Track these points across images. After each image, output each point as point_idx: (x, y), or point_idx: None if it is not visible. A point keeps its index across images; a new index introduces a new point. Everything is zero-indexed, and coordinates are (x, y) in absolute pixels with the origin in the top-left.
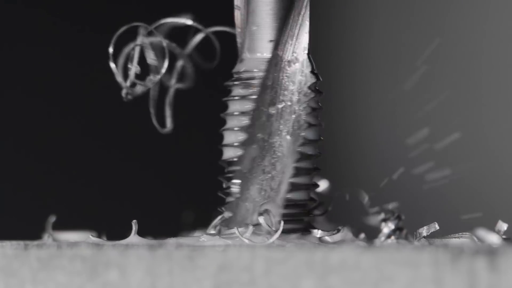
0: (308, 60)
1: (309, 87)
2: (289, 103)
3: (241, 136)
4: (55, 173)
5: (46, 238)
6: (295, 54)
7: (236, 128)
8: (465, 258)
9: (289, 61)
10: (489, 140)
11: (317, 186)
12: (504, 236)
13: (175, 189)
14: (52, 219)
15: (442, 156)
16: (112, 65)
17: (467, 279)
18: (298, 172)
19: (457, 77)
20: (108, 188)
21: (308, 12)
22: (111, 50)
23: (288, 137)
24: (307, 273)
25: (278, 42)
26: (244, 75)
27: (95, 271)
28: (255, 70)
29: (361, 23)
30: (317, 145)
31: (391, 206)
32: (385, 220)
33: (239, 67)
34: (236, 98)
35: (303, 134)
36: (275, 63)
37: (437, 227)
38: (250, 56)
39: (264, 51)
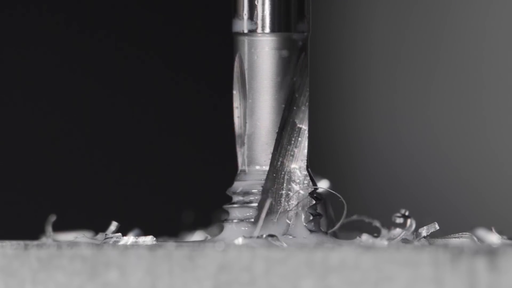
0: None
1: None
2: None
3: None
4: (55, 173)
5: (46, 238)
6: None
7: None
8: (465, 258)
9: (288, 172)
10: (489, 140)
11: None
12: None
13: (175, 189)
14: (52, 219)
15: (442, 156)
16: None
17: (467, 279)
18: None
19: (457, 77)
20: (108, 188)
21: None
22: None
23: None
24: (307, 273)
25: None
26: (245, 189)
27: (95, 271)
28: (253, 184)
29: (361, 23)
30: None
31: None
32: (397, 223)
33: (239, 185)
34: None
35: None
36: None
37: (437, 227)
38: (249, 169)
39: (264, 163)
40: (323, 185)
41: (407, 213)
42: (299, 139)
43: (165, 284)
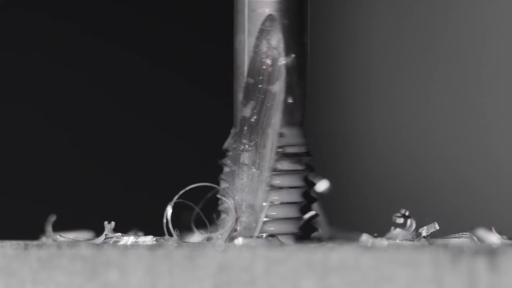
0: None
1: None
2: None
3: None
4: (55, 173)
5: (46, 238)
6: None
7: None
8: (465, 258)
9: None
10: (489, 140)
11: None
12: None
13: (175, 188)
14: (52, 219)
15: (442, 156)
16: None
17: (467, 279)
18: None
19: (457, 77)
20: (108, 188)
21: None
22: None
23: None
24: (307, 273)
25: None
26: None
27: (95, 271)
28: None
29: (361, 23)
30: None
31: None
32: (397, 224)
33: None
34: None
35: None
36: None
37: (437, 227)
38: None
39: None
40: (323, 185)
41: (407, 213)
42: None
43: (165, 284)
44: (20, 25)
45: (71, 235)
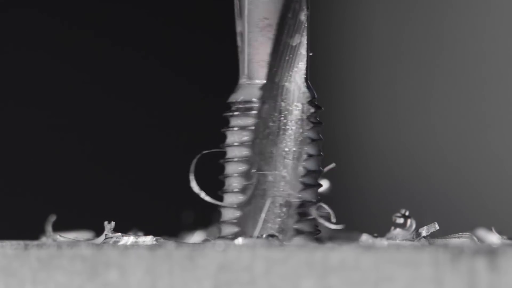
0: (306, 86)
1: (310, 112)
2: (288, 129)
3: (242, 167)
4: (55, 173)
5: (46, 238)
6: (291, 79)
7: (236, 159)
8: (465, 258)
9: (283, 86)
10: (489, 140)
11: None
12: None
13: (175, 189)
14: (52, 219)
15: (442, 156)
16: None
17: (467, 279)
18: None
19: (457, 77)
20: (108, 188)
21: (305, 41)
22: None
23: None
24: (307, 273)
25: (272, 68)
26: (242, 105)
27: (95, 271)
28: (253, 99)
29: (361, 23)
30: (319, 160)
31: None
32: (397, 224)
33: (237, 96)
34: (235, 128)
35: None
36: (270, 88)
37: (437, 227)
38: (249, 83)
39: (263, 77)
40: (324, 185)
41: (407, 213)
42: (295, 59)
43: (165, 284)
44: (21, 25)
45: (71, 235)
